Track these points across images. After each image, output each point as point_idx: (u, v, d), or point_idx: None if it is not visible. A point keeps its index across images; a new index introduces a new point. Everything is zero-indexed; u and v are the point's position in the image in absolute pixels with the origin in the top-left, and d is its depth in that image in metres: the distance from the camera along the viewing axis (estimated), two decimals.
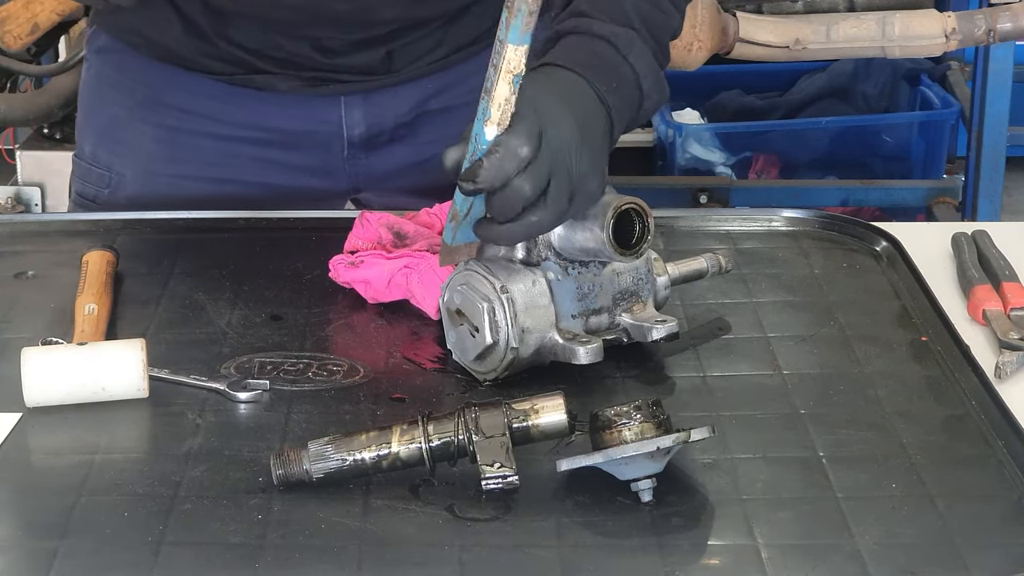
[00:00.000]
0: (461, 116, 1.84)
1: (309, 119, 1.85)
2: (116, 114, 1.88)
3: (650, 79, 1.48)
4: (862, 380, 1.44)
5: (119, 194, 1.88)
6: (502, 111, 1.34)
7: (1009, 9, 3.33)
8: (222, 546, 1.19)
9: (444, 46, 1.85)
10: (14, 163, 3.84)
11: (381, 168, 1.89)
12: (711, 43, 3.34)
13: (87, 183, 1.91)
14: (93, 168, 1.90)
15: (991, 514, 1.24)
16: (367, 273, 1.57)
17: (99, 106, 1.91)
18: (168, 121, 1.86)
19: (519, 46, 1.32)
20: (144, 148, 1.87)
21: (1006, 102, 3.91)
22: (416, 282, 1.54)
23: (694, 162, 4.20)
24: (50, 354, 1.39)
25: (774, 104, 4.45)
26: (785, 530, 1.21)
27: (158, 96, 1.86)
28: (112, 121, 1.89)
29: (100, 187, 1.89)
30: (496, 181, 1.34)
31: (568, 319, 1.43)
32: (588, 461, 1.24)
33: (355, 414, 1.38)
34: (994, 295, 1.58)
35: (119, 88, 1.88)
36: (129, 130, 1.88)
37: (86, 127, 1.93)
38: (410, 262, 1.56)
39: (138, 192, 1.87)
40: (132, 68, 1.86)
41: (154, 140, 1.87)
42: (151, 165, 1.87)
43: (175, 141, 1.86)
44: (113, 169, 1.88)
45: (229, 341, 1.51)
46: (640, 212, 1.40)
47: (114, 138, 1.89)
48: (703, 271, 1.55)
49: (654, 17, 1.51)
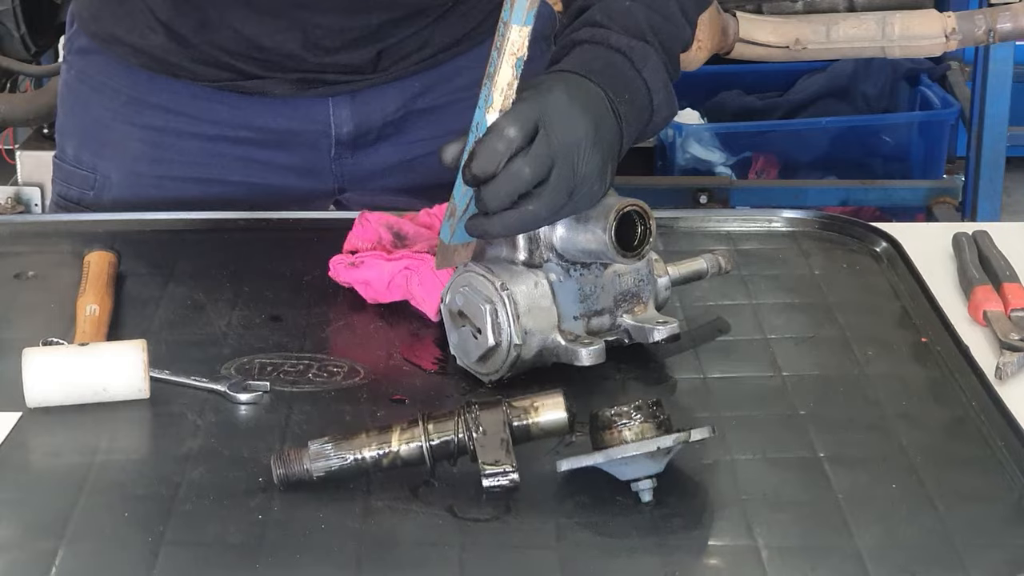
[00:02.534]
0: (447, 115, 1.85)
1: (296, 119, 1.85)
2: (100, 116, 1.87)
3: (661, 95, 1.48)
4: (862, 381, 1.44)
5: (104, 196, 1.87)
6: (504, 96, 1.34)
7: (1009, 9, 3.33)
8: (222, 546, 1.19)
9: (430, 46, 1.84)
10: (14, 163, 3.85)
11: (367, 167, 1.89)
12: (711, 43, 3.34)
13: (70, 185, 1.90)
14: (76, 170, 1.89)
15: (991, 515, 1.24)
16: (367, 274, 1.57)
17: (81, 108, 1.90)
18: (153, 122, 1.85)
19: (523, 27, 1.32)
20: (129, 149, 1.86)
21: (1006, 102, 3.91)
22: (416, 284, 1.54)
23: (694, 162, 4.20)
24: (51, 355, 1.39)
25: (774, 104, 4.45)
26: (785, 530, 1.22)
27: (142, 97, 1.85)
28: (96, 123, 1.88)
29: (84, 189, 1.88)
30: (488, 164, 1.33)
31: (570, 320, 1.43)
32: (588, 461, 1.24)
33: (355, 415, 1.38)
34: (995, 296, 1.58)
35: (102, 90, 1.87)
36: (114, 131, 1.87)
37: (68, 128, 1.92)
38: (410, 263, 1.56)
39: (123, 194, 1.86)
40: (115, 70, 1.85)
41: (139, 141, 1.86)
42: (136, 166, 1.86)
43: (160, 142, 1.86)
44: (98, 171, 1.87)
45: (229, 342, 1.51)
46: (642, 214, 1.40)
47: (98, 140, 1.88)
48: (703, 272, 1.55)
49: (666, 30, 1.51)
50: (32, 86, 3.76)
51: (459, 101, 1.86)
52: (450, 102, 1.87)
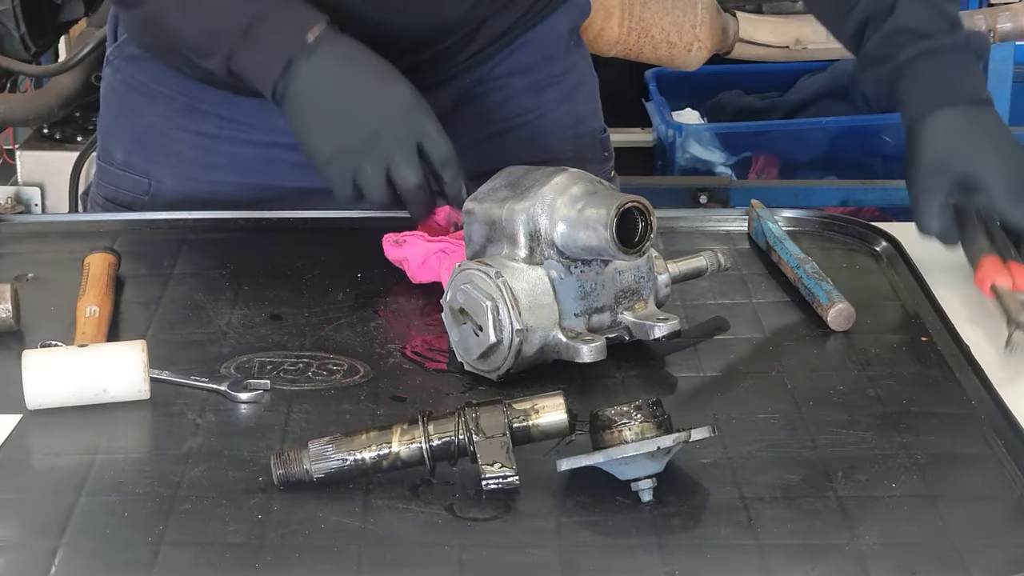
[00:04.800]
0: (491, 103, 1.86)
1: None
2: (153, 122, 1.87)
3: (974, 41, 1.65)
4: (862, 380, 1.44)
5: (158, 200, 1.87)
6: None
7: (1009, 9, 3.33)
8: (222, 546, 1.19)
9: (477, 42, 1.85)
10: (14, 163, 3.84)
11: None
12: (711, 43, 3.34)
13: (120, 189, 1.89)
14: (127, 175, 1.89)
15: (991, 514, 1.24)
16: (407, 252, 1.60)
17: (131, 113, 1.90)
18: (207, 128, 1.85)
19: None
20: (183, 155, 1.86)
21: (1006, 102, 3.90)
22: (446, 268, 1.54)
23: (694, 162, 4.20)
24: (51, 356, 1.39)
25: (774, 104, 4.45)
26: (785, 530, 1.21)
27: (196, 104, 1.85)
28: (149, 129, 1.88)
29: (137, 193, 1.88)
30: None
31: (571, 317, 1.43)
32: (588, 461, 1.24)
33: (355, 414, 1.38)
34: (1003, 269, 1.56)
35: (155, 96, 1.87)
36: (167, 137, 1.87)
37: (116, 133, 1.92)
38: (446, 247, 1.57)
39: (177, 198, 1.86)
40: (169, 77, 1.85)
41: (193, 147, 1.86)
42: (190, 172, 1.86)
43: (214, 148, 1.86)
44: (151, 176, 1.87)
45: (229, 341, 1.51)
46: (643, 210, 1.40)
47: (151, 145, 1.88)
48: (703, 269, 1.55)
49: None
50: (32, 86, 3.76)
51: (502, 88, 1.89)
52: (493, 89, 1.88)
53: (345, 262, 1.67)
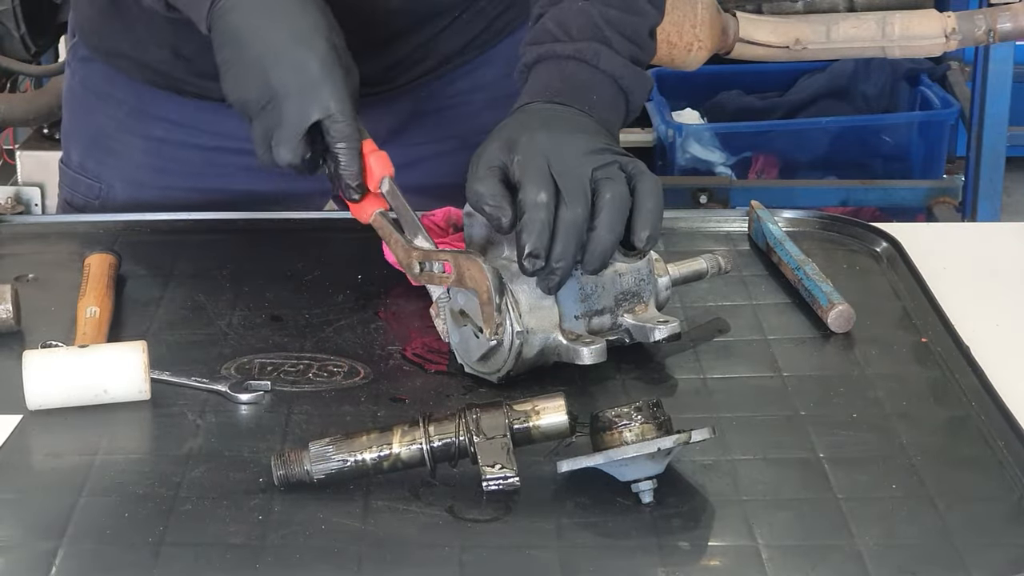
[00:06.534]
0: (449, 118, 1.86)
1: None
2: (104, 125, 1.87)
3: (627, 77, 1.53)
4: (862, 381, 1.44)
5: (108, 205, 1.87)
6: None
7: (1009, 9, 3.33)
8: (222, 547, 1.19)
9: (434, 57, 1.84)
10: (14, 163, 3.84)
11: None
12: (711, 43, 3.34)
13: (75, 192, 1.90)
14: (81, 178, 1.89)
15: (991, 514, 1.24)
16: None
17: (85, 115, 1.90)
18: (156, 133, 1.85)
19: None
20: (132, 159, 1.86)
21: (1006, 102, 3.91)
22: None
23: (694, 162, 4.20)
24: (51, 357, 1.39)
25: (774, 104, 4.45)
26: (785, 531, 1.22)
27: (145, 108, 1.84)
28: (100, 132, 1.88)
29: (89, 197, 1.88)
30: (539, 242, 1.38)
31: (571, 320, 1.43)
32: (589, 462, 1.24)
33: (356, 415, 1.38)
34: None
35: (106, 100, 1.87)
36: (117, 141, 1.87)
37: (73, 135, 1.92)
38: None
39: (126, 203, 1.86)
40: (118, 81, 1.85)
41: (142, 152, 1.86)
42: (140, 176, 1.86)
43: (163, 152, 1.85)
44: (102, 179, 1.87)
45: (229, 342, 1.51)
46: None
47: (102, 148, 1.88)
48: (703, 272, 1.55)
49: (625, 21, 1.55)
50: (32, 86, 3.76)
51: (462, 104, 1.87)
52: (452, 105, 1.87)
53: (346, 264, 1.67)
